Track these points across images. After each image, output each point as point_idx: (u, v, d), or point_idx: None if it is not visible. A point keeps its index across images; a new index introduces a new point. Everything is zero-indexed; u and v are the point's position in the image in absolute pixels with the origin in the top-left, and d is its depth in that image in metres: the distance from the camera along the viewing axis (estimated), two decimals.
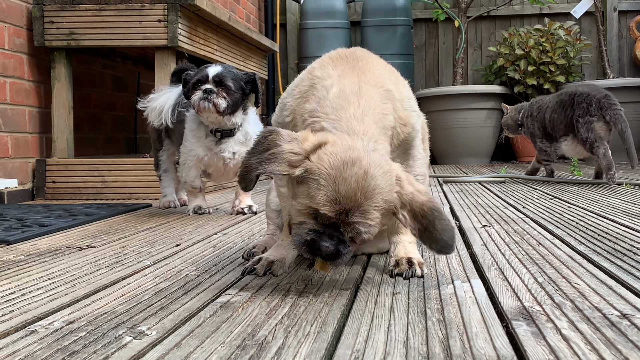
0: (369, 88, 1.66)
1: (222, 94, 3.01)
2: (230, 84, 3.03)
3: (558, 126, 4.56)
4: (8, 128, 3.79)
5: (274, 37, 8.92)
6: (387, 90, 1.70)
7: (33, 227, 2.70)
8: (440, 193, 4.08)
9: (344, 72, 1.71)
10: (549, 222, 2.67)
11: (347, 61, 1.76)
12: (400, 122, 1.71)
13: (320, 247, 1.48)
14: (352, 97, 1.62)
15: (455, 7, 8.43)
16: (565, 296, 1.48)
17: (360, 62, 1.76)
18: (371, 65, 1.76)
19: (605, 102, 4.46)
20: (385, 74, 1.76)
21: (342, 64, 1.75)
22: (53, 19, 3.99)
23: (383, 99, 1.67)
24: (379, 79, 1.72)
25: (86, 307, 1.48)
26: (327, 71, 1.73)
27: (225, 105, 3.01)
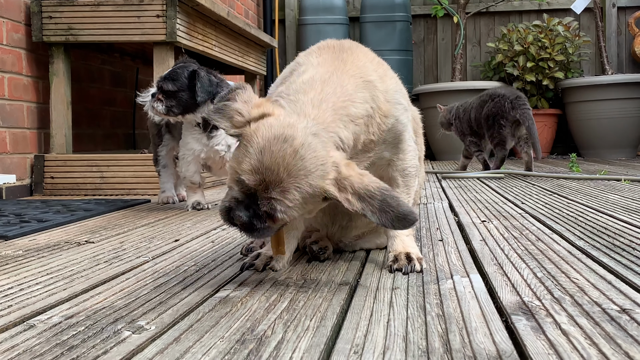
0: (344, 77, 1.66)
1: (159, 97, 3.04)
2: (168, 86, 3.03)
3: (481, 124, 5.18)
4: (6, 123, 3.78)
5: (273, 32, 8.91)
6: (366, 81, 1.69)
7: (31, 223, 2.69)
8: (439, 189, 4.08)
9: (325, 60, 1.72)
10: (547, 217, 2.67)
11: (333, 51, 1.76)
12: (380, 113, 1.70)
13: (235, 215, 1.48)
14: (317, 83, 1.62)
15: (454, 3, 8.42)
16: (565, 291, 1.48)
17: (345, 52, 1.76)
18: (355, 56, 1.75)
19: (516, 102, 4.97)
20: (369, 65, 1.75)
21: (326, 52, 1.76)
22: (51, 14, 3.98)
23: (358, 89, 1.66)
24: (360, 70, 1.71)
25: (85, 302, 1.48)
26: (309, 59, 1.75)
27: (163, 107, 3.04)
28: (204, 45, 4.45)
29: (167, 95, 3.03)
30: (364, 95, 1.67)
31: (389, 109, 1.73)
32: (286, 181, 1.45)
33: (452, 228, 2.49)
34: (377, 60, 1.83)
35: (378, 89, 1.71)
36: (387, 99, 1.73)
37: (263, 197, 1.46)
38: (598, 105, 7.58)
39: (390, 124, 1.74)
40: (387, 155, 1.80)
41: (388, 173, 1.85)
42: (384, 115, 1.72)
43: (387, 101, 1.73)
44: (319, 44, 1.85)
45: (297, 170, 1.45)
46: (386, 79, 1.78)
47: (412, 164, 1.86)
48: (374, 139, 1.72)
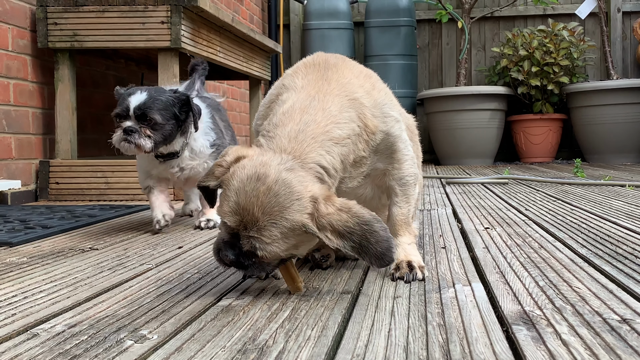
0: (327, 98, 1.66)
1: (146, 132, 2.52)
2: (156, 116, 2.52)
3: None
4: (12, 129, 3.80)
5: (278, 37, 8.93)
6: (351, 99, 1.69)
7: (36, 229, 2.71)
8: (443, 194, 4.08)
9: (309, 82, 1.72)
10: (551, 224, 2.67)
11: (318, 69, 1.76)
12: (367, 130, 1.70)
13: (222, 255, 1.53)
14: (296, 113, 1.62)
15: (459, 7, 8.43)
16: (566, 300, 1.48)
17: (330, 70, 1.75)
18: (341, 73, 1.75)
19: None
20: (355, 81, 1.75)
21: (312, 72, 1.76)
22: (56, 21, 4.00)
23: (343, 108, 1.66)
24: (345, 87, 1.71)
25: (88, 311, 1.49)
26: (294, 80, 1.75)
27: (151, 144, 2.53)
28: (209, 50, 4.47)
29: (153, 129, 2.54)
30: (349, 115, 1.67)
31: (376, 125, 1.73)
32: (261, 219, 1.47)
33: (455, 235, 2.50)
34: (365, 74, 1.82)
35: (364, 105, 1.71)
36: (374, 115, 1.73)
37: (244, 236, 1.49)
38: (603, 110, 7.58)
39: (379, 139, 1.74)
40: (380, 166, 1.80)
41: (385, 182, 1.85)
42: (372, 132, 1.72)
43: (374, 117, 1.72)
44: (306, 59, 1.85)
45: (271, 207, 1.46)
46: (374, 92, 1.77)
47: (410, 172, 1.85)
48: (365, 155, 1.73)
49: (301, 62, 1.85)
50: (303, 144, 1.57)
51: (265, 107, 1.82)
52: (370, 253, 1.47)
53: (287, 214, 1.46)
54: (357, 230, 1.47)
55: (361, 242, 1.47)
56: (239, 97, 7.88)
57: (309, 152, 1.56)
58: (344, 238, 1.47)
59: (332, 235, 1.48)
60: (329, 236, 1.48)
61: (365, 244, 1.47)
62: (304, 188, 1.49)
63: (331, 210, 1.49)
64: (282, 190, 1.47)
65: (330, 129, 1.61)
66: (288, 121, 1.61)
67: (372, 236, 1.47)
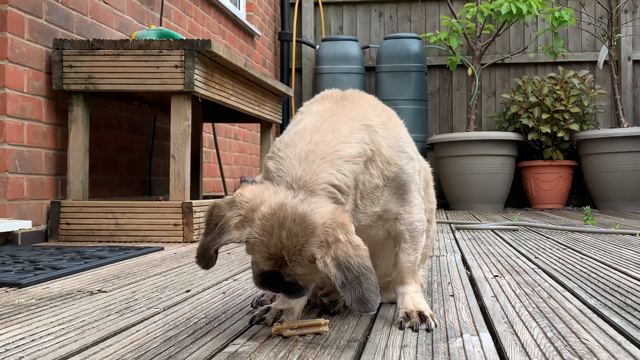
0: (339, 121, 1.68)
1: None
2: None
3: None
4: (24, 170, 3.84)
5: (290, 81, 9.02)
6: (365, 125, 1.71)
7: (45, 270, 2.71)
8: (453, 240, 4.07)
9: (324, 108, 1.75)
10: (560, 273, 2.66)
11: (335, 99, 1.79)
12: (382, 159, 1.71)
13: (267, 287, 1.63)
14: (308, 133, 1.65)
15: (470, 54, 8.50)
16: (574, 352, 1.47)
17: (347, 100, 1.79)
18: (357, 102, 1.78)
19: None
20: (371, 111, 1.77)
21: (329, 101, 1.79)
22: (72, 63, 4.06)
23: (355, 131, 1.68)
24: (359, 114, 1.73)
25: (95, 355, 1.49)
26: (311, 107, 1.78)
27: None
28: (221, 94, 4.52)
29: None
30: (361, 136, 1.68)
31: (391, 155, 1.74)
32: (289, 260, 1.55)
33: (464, 283, 2.49)
34: (381, 107, 1.84)
35: (379, 134, 1.72)
36: (390, 145, 1.74)
37: (283, 272, 1.58)
38: (613, 158, 7.58)
39: (394, 172, 1.74)
40: (392, 208, 1.79)
41: (396, 228, 1.83)
42: (387, 162, 1.72)
43: (389, 147, 1.74)
44: (323, 92, 1.87)
45: (294, 247, 1.54)
46: (390, 125, 1.78)
47: (419, 217, 1.84)
48: (379, 184, 1.72)
49: (319, 94, 1.88)
50: (313, 165, 1.59)
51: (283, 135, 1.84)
52: (355, 294, 1.50)
53: (303, 251, 1.53)
54: (354, 269, 1.50)
55: (352, 282, 1.50)
56: (250, 140, 7.94)
57: (320, 172, 1.59)
58: (340, 270, 1.51)
59: (331, 262, 1.51)
60: (328, 262, 1.51)
61: (355, 285, 1.50)
62: (317, 218, 1.53)
63: (342, 239, 1.53)
64: (299, 229, 1.52)
65: (340, 147, 1.63)
66: (299, 141, 1.64)
67: (365, 281, 1.51)
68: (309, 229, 1.52)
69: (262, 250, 1.55)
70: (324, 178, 1.58)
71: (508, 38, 9.02)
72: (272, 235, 1.54)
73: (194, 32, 6.27)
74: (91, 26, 4.54)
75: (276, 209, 1.54)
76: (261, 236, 1.54)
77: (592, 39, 8.80)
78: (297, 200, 1.55)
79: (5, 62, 3.72)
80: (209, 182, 6.56)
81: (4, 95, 3.71)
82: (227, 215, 1.57)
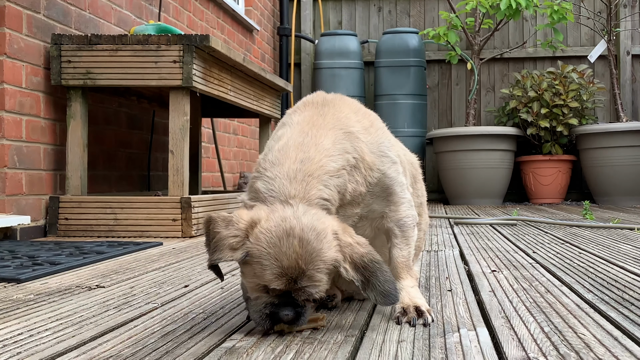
0: (320, 132, 1.69)
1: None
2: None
3: None
4: (23, 165, 3.84)
5: (289, 76, 9.01)
6: (346, 132, 1.71)
7: (44, 266, 2.72)
8: (451, 235, 4.08)
9: (305, 118, 1.74)
10: (558, 268, 2.66)
11: (316, 106, 1.79)
12: (365, 165, 1.72)
13: (282, 317, 1.55)
14: (291, 150, 1.65)
15: (469, 49, 8.50)
16: (571, 347, 1.48)
17: (327, 106, 1.78)
18: (338, 108, 1.78)
19: None
20: (352, 116, 1.77)
21: (310, 108, 1.79)
22: (70, 59, 4.06)
23: (337, 141, 1.69)
24: (340, 121, 1.73)
25: (93, 350, 1.49)
26: (293, 117, 1.78)
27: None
28: (220, 89, 4.51)
29: None
30: (344, 146, 1.69)
31: (374, 160, 1.74)
32: (308, 269, 1.52)
33: (462, 278, 2.49)
34: (363, 112, 1.85)
35: (361, 140, 1.73)
36: (372, 151, 1.75)
37: (296, 289, 1.53)
38: (612, 152, 7.58)
39: (377, 178, 1.75)
40: (377, 209, 1.80)
41: (383, 225, 1.84)
42: (369, 168, 1.73)
43: (371, 152, 1.74)
44: (306, 98, 1.87)
45: (310, 255, 1.52)
46: (372, 130, 1.79)
47: (407, 214, 1.84)
48: (363, 190, 1.73)
49: (301, 100, 1.87)
50: (303, 184, 1.60)
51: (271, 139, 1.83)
52: (377, 290, 1.55)
53: (322, 255, 1.53)
54: (369, 267, 1.56)
55: (370, 279, 1.55)
56: (249, 135, 7.93)
57: (310, 189, 1.61)
58: (358, 271, 1.56)
59: (349, 266, 1.55)
60: (347, 267, 1.55)
61: (373, 280, 1.55)
62: (324, 225, 1.55)
63: (350, 241, 1.57)
64: (311, 236, 1.52)
65: (325, 163, 1.65)
66: (284, 159, 1.64)
67: (381, 274, 1.56)
68: (321, 235, 1.53)
69: (272, 265, 1.50)
70: (315, 194, 1.61)
71: (507, 33, 9.01)
72: (282, 246, 1.50)
73: (193, 27, 6.27)
74: (89, 21, 4.53)
75: (280, 222, 1.53)
76: (269, 248, 1.51)
77: (591, 33, 8.80)
78: (300, 212, 1.55)
79: (3, 58, 3.72)
80: (207, 177, 6.57)
81: (2, 90, 3.71)
82: (223, 234, 1.55)
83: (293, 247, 1.50)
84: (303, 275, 1.51)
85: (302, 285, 1.52)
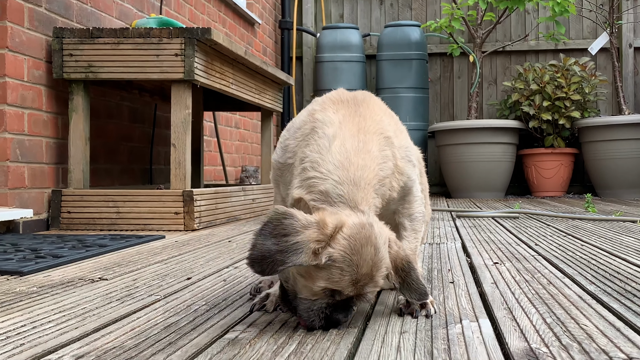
0: (368, 137, 1.70)
1: None
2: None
3: None
4: (25, 159, 3.84)
5: (290, 70, 9.01)
6: (385, 137, 1.74)
7: (47, 258, 2.72)
8: (453, 228, 4.08)
9: (345, 117, 1.74)
10: (560, 260, 2.66)
11: (349, 105, 1.79)
12: (397, 170, 1.75)
13: (339, 320, 1.57)
14: (352, 155, 1.66)
15: (471, 42, 8.49)
16: (573, 338, 1.48)
17: (361, 106, 1.78)
18: (372, 110, 1.79)
19: None
20: (385, 119, 1.79)
21: (343, 107, 1.78)
22: (72, 52, 4.06)
23: (382, 146, 1.71)
24: (379, 125, 1.75)
25: (95, 342, 1.49)
26: (328, 115, 1.75)
27: None
28: (221, 83, 4.51)
29: None
30: (386, 154, 1.72)
31: (403, 166, 1.78)
32: (376, 275, 1.56)
33: (464, 270, 2.49)
34: (389, 112, 1.88)
35: (394, 145, 1.76)
36: (402, 156, 1.78)
37: (360, 295, 1.57)
38: (615, 145, 7.57)
39: (404, 182, 1.79)
40: (393, 207, 1.85)
41: (394, 220, 1.88)
42: (400, 173, 1.76)
43: (401, 158, 1.78)
44: (329, 95, 1.85)
45: (380, 262, 1.56)
46: (399, 133, 1.82)
47: (419, 210, 1.89)
48: (394, 196, 1.77)
49: (325, 97, 1.85)
50: (365, 191, 1.63)
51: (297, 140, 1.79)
52: (412, 289, 1.65)
53: (385, 262, 1.58)
54: (406, 267, 1.64)
55: (406, 279, 1.65)
56: (250, 128, 7.93)
57: (368, 198, 1.64)
58: (398, 273, 1.64)
59: (393, 270, 1.62)
60: (391, 271, 1.62)
61: (408, 280, 1.65)
62: (386, 233, 1.62)
63: (396, 248, 1.64)
64: (380, 243, 1.56)
65: (377, 172, 1.68)
66: (348, 165, 1.64)
67: (414, 274, 1.65)
68: (385, 243, 1.59)
69: (352, 271, 1.51)
70: (371, 202, 1.65)
71: (509, 25, 8.99)
72: (363, 253, 1.52)
73: (194, 20, 6.26)
74: (91, 14, 4.53)
75: (360, 229, 1.54)
76: (352, 255, 1.51)
77: (593, 26, 8.78)
78: (371, 219, 1.59)
79: (5, 51, 3.72)
80: (210, 170, 6.57)
81: (4, 84, 3.71)
82: (307, 234, 1.49)
83: (370, 254, 1.53)
84: (371, 281, 1.55)
85: (367, 291, 1.56)
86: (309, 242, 1.49)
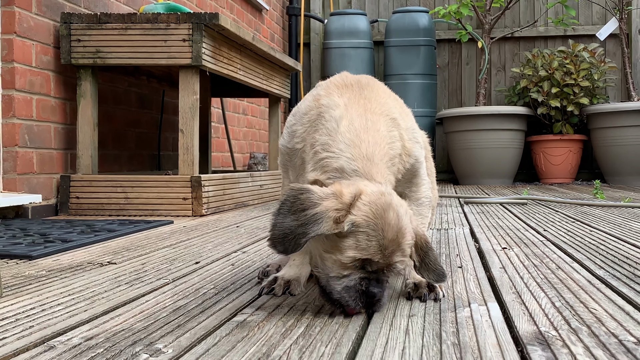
0: (375, 118, 1.70)
1: None
2: None
3: None
4: (34, 144, 3.85)
5: (298, 56, 8.98)
6: (392, 119, 1.73)
7: (55, 243, 2.73)
8: (461, 214, 4.07)
9: (350, 100, 1.73)
10: (569, 245, 2.65)
11: (353, 89, 1.78)
12: (405, 152, 1.75)
13: (375, 293, 1.53)
14: (362, 133, 1.65)
15: (479, 28, 8.45)
16: (582, 321, 1.48)
17: (365, 90, 1.78)
18: (377, 93, 1.79)
19: None
20: (390, 102, 1.79)
21: (347, 91, 1.77)
22: (80, 37, 4.05)
23: (389, 127, 1.71)
24: (385, 107, 1.75)
25: (105, 324, 1.50)
26: (333, 99, 1.75)
27: None
28: (229, 68, 4.50)
29: None
30: (394, 134, 1.72)
31: (411, 147, 1.77)
32: (402, 243, 1.54)
33: (472, 255, 2.49)
34: (394, 96, 1.88)
35: (401, 127, 1.75)
36: (409, 137, 1.77)
37: (389, 265, 1.54)
38: (624, 132, 7.54)
39: (411, 164, 1.78)
40: (400, 190, 1.83)
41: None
42: (407, 154, 1.76)
43: (409, 139, 1.77)
44: (333, 79, 1.85)
45: (404, 229, 1.55)
46: (404, 116, 1.82)
47: (426, 194, 1.89)
48: (400, 177, 1.77)
49: (329, 82, 1.85)
50: (379, 166, 1.64)
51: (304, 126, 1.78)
52: (430, 269, 1.63)
53: (410, 230, 1.57)
54: (424, 247, 1.63)
55: (424, 259, 1.63)
56: (258, 115, 7.93)
57: (383, 172, 1.65)
58: (417, 252, 1.62)
59: (414, 247, 1.61)
60: (412, 248, 1.60)
61: (427, 261, 1.63)
62: (405, 205, 1.61)
63: (416, 223, 1.64)
64: (402, 211, 1.56)
65: (388, 150, 1.68)
66: (359, 142, 1.64)
67: (432, 254, 1.64)
68: (408, 213, 1.58)
69: (378, 235, 1.50)
70: (386, 177, 1.65)
71: (518, 11, 8.94)
72: (387, 217, 1.50)
73: (202, 6, 6.25)
74: (98, 0, 4.52)
75: (379, 195, 1.53)
76: (375, 219, 1.50)
77: (602, 11, 8.72)
78: (389, 189, 1.59)
79: (13, 36, 3.72)
80: (217, 157, 6.57)
81: (12, 69, 3.71)
82: (325, 205, 1.49)
83: (394, 219, 1.52)
84: (398, 249, 1.53)
85: (396, 260, 1.53)
86: (328, 212, 1.49)
